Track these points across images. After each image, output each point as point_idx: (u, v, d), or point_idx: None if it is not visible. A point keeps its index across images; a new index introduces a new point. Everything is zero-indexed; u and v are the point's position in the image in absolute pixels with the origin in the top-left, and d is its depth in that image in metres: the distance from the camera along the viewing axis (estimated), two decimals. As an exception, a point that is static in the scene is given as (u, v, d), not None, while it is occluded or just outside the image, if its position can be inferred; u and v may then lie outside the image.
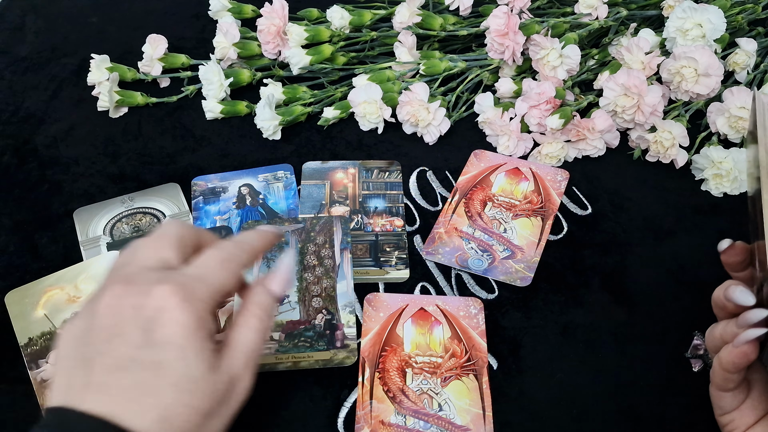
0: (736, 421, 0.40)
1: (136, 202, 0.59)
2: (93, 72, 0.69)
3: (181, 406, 0.33)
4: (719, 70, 0.60)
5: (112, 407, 0.33)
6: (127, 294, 0.35)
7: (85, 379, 0.34)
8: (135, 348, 0.34)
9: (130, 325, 0.34)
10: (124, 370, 0.33)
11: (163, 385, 0.33)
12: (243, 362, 0.36)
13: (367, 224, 0.58)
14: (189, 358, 0.34)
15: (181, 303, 0.34)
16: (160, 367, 0.34)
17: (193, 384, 0.34)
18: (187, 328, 0.34)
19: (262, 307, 0.38)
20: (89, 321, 0.35)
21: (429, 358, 0.48)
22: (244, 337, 0.37)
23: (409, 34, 0.68)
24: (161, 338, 0.34)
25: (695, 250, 0.56)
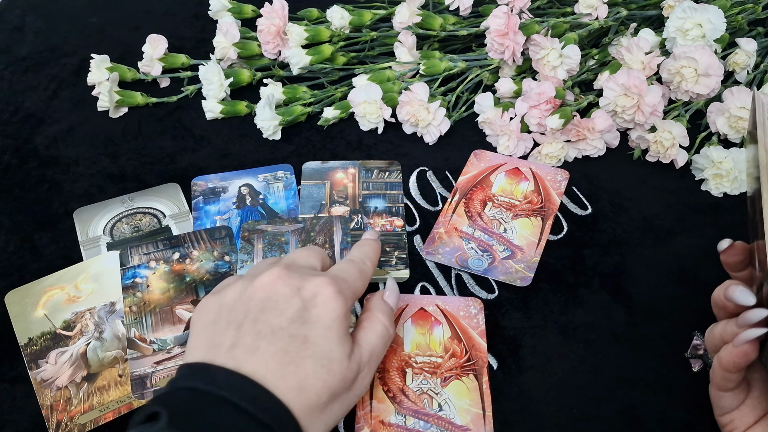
0: (735, 421, 0.40)
1: (136, 202, 0.59)
2: (93, 72, 0.69)
3: (317, 379, 0.37)
4: (719, 70, 0.60)
5: (257, 368, 0.36)
6: (287, 276, 0.40)
7: (233, 340, 0.38)
8: (287, 320, 0.38)
9: (286, 301, 0.39)
10: (273, 337, 0.38)
11: (305, 357, 0.37)
12: (367, 359, 0.40)
13: (367, 224, 0.58)
14: (332, 340, 0.38)
15: (334, 293, 0.40)
16: (306, 341, 0.38)
17: (330, 362, 0.38)
18: (337, 314, 0.39)
19: (386, 315, 0.43)
20: (242, 293, 0.40)
21: (429, 358, 0.48)
22: (370, 338, 0.41)
23: (409, 34, 0.68)
24: (312, 317, 0.39)
25: (695, 250, 0.56)
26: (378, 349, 0.42)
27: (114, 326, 0.50)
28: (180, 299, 0.52)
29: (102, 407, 0.46)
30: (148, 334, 0.50)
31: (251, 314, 0.39)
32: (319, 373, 0.37)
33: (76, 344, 0.49)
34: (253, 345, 0.37)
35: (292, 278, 0.40)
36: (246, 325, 0.38)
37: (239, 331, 0.38)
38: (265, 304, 0.39)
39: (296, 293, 0.40)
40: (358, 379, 0.40)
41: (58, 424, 0.45)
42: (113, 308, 0.51)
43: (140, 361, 0.48)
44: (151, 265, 0.53)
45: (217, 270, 0.53)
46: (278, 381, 0.36)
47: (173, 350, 0.49)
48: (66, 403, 0.46)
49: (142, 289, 0.52)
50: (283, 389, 0.36)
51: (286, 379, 0.37)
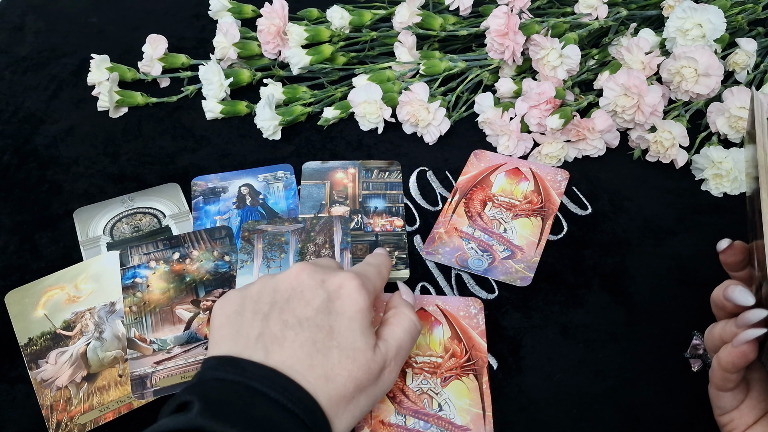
0: (735, 421, 0.40)
1: (136, 202, 0.59)
2: (93, 72, 0.69)
3: (342, 369, 0.38)
4: (719, 70, 0.60)
5: (285, 358, 0.37)
6: (314, 271, 0.41)
7: (260, 329, 0.38)
8: (313, 310, 0.39)
9: (313, 292, 0.40)
10: (300, 327, 0.38)
11: (331, 347, 0.38)
12: (393, 354, 0.41)
13: (367, 224, 0.58)
14: (356, 330, 0.39)
15: (358, 286, 0.40)
16: (332, 331, 0.39)
17: (355, 352, 0.39)
18: (361, 306, 0.40)
19: (411, 309, 0.44)
20: (268, 285, 0.41)
21: (429, 358, 0.48)
22: (397, 333, 0.42)
23: (409, 34, 0.68)
24: (338, 308, 0.40)
25: (695, 250, 0.56)
26: (405, 344, 0.42)
27: (114, 326, 0.50)
28: (180, 299, 0.52)
29: (102, 407, 0.46)
30: (148, 334, 0.50)
31: (277, 304, 0.40)
32: (344, 364, 0.38)
33: (76, 344, 0.49)
34: (280, 335, 0.38)
35: (316, 272, 0.41)
36: (273, 315, 0.39)
37: (266, 321, 0.39)
38: (291, 294, 0.40)
39: (321, 285, 0.40)
40: (385, 373, 0.40)
41: (58, 424, 0.45)
42: (113, 308, 0.51)
43: (140, 361, 0.48)
44: (151, 265, 0.53)
45: (217, 270, 0.53)
46: (306, 371, 0.37)
47: (173, 350, 0.49)
48: (66, 403, 0.47)
49: (142, 289, 0.52)
50: (311, 379, 0.37)
51: (314, 369, 0.37)
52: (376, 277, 0.44)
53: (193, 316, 0.51)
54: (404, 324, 0.43)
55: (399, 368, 0.42)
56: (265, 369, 0.37)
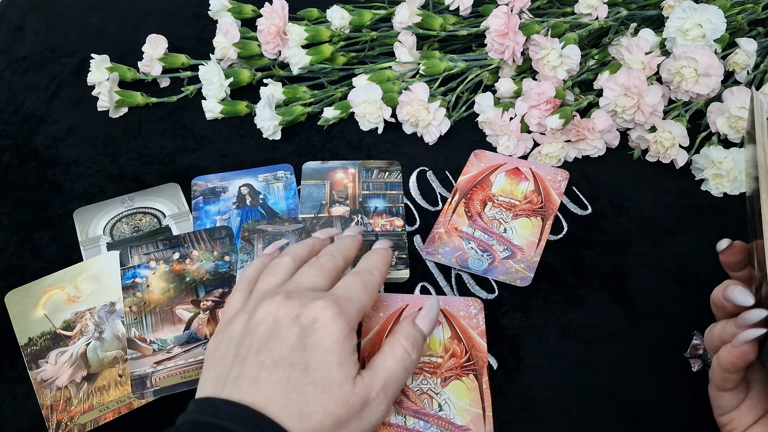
0: (735, 421, 0.40)
1: (136, 202, 0.59)
2: (93, 72, 0.69)
3: (318, 406, 0.37)
4: (719, 70, 0.59)
5: (259, 398, 0.36)
6: (287, 305, 0.40)
7: (237, 372, 0.38)
8: (287, 349, 0.38)
9: (287, 330, 0.39)
10: (275, 367, 0.38)
11: (306, 384, 0.37)
12: (380, 385, 0.39)
13: (367, 224, 0.58)
14: (332, 363, 0.38)
15: (334, 316, 0.39)
16: (307, 367, 0.38)
17: (331, 387, 0.37)
18: (337, 337, 0.39)
19: (410, 340, 0.41)
20: (247, 326, 0.40)
21: (429, 358, 0.48)
22: (387, 363, 0.40)
23: (409, 34, 0.68)
24: (312, 343, 0.38)
25: (695, 250, 0.56)
26: (396, 375, 0.40)
27: (114, 326, 0.50)
28: (180, 299, 0.52)
29: (102, 407, 0.46)
30: (148, 334, 0.50)
31: (254, 346, 0.39)
32: (320, 400, 0.37)
33: (76, 344, 0.49)
34: (255, 376, 0.38)
35: (292, 306, 0.40)
36: (249, 357, 0.38)
37: (243, 365, 0.38)
38: (267, 335, 0.39)
39: (296, 320, 0.39)
40: (371, 407, 0.38)
41: (58, 424, 0.45)
42: (113, 308, 0.51)
43: (140, 361, 0.48)
44: (151, 265, 0.53)
45: (217, 270, 0.53)
46: (280, 409, 0.36)
47: (173, 350, 0.49)
48: (66, 403, 0.47)
49: (142, 289, 0.52)
50: (284, 418, 0.36)
51: (288, 407, 0.36)
52: (359, 293, 0.42)
53: (193, 316, 0.51)
54: (397, 354, 0.41)
55: (389, 401, 0.40)
56: (240, 407, 0.36)
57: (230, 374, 0.38)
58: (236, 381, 0.38)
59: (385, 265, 0.46)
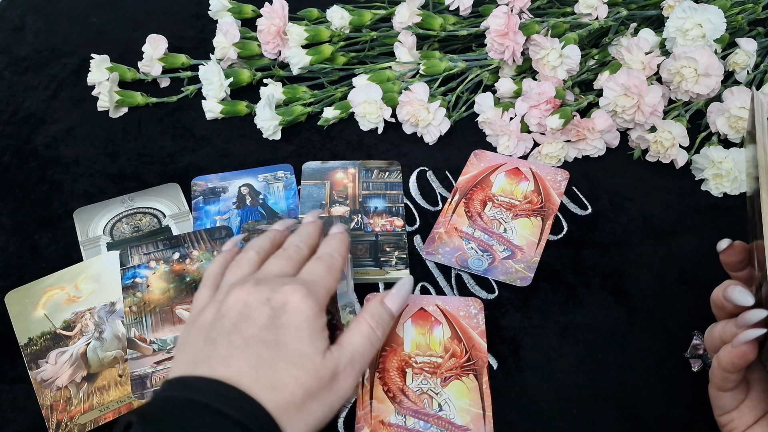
0: (735, 421, 0.40)
1: (136, 202, 0.59)
2: (93, 72, 0.69)
3: (289, 377, 0.38)
4: (719, 70, 0.60)
5: (231, 374, 0.37)
6: (257, 291, 0.41)
7: (209, 354, 0.39)
8: (259, 329, 0.39)
9: (258, 312, 0.40)
10: (246, 345, 0.39)
11: (277, 359, 0.38)
12: (348, 359, 0.40)
13: (367, 224, 0.58)
14: (303, 338, 0.39)
15: (303, 297, 0.40)
16: (278, 344, 0.39)
17: (302, 359, 0.39)
18: (307, 316, 0.40)
19: (375, 318, 0.43)
20: (217, 313, 0.41)
21: (429, 358, 0.48)
22: (353, 339, 0.41)
23: (409, 34, 0.68)
24: (284, 322, 0.40)
25: (695, 250, 0.56)
26: (362, 350, 0.41)
27: (114, 326, 0.50)
28: (180, 299, 0.52)
29: (102, 407, 0.46)
30: (148, 334, 0.50)
31: (225, 329, 0.40)
32: (291, 371, 0.38)
33: (76, 344, 0.49)
34: (227, 354, 0.38)
35: (261, 291, 0.41)
36: (220, 339, 0.39)
37: (214, 346, 0.39)
38: (238, 319, 0.40)
39: (266, 303, 0.40)
40: (339, 380, 0.40)
41: (58, 424, 0.45)
42: (113, 308, 0.51)
43: (140, 361, 0.48)
44: (151, 265, 0.53)
45: (217, 270, 0.53)
46: (252, 383, 0.37)
47: (173, 350, 0.49)
48: (66, 403, 0.47)
49: (142, 289, 0.52)
50: (257, 390, 0.37)
51: (259, 380, 0.37)
52: (324, 275, 0.44)
53: (193, 316, 0.51)
54: (362, 330, 0.42)
55: (357, 375, 0.41)
56: (212, 381, 0.37)
57: (201, 356, 0.39)
58: (207, 360, 0.38)
59: (344, 247, 0.47)
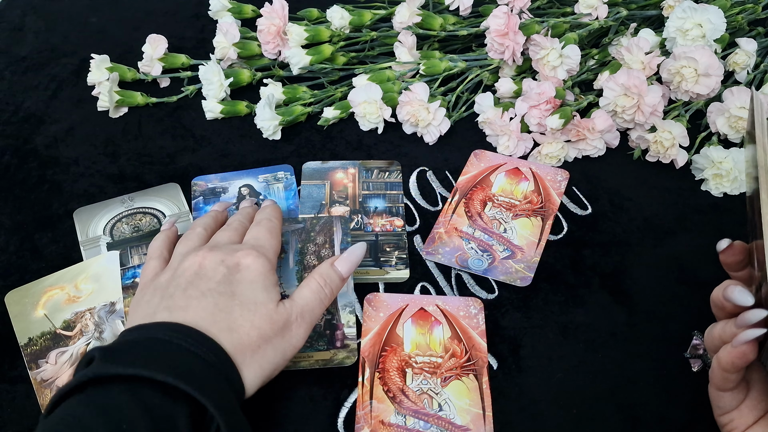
0: (735, 421, 0.40)
1: (136, 202, 0.59)
2: (93, 72, 0.69)
3: (245, 320, 0.41)
4: (719, 70, 0.60)
5: (189, 319, 0.40)
6: (211, 255, 0.44)
7: (166, 305, 0.41)
8: (215, 283, 0.42)
9: (213, 271, 0.43)
10: (203, 296, 0.41)
11: (233, 306, 0.41)
12: (299, 311, 0.43)
13: (367, 224, 0.58)
14: (257, 289, 0.43)
15: (256, 258, 0.44)
16: (233, 294, 0.42)
17: (257, 305, 0.42)
18: (261, 270, 0.44)
19: (323, 276, 0.46)
20: (173, 274, 0.44)
21: (429, 358, 0.48)
22: (303, 293, 0.45)
23: (409, 34, 0.68)
24: (238, 278, 0.43)
25: (695, 250, 0.56)
26: (312, 305, 0.44)
27: (114, 326, 0.50)
28: (180, 299, 0.52)
29: (102, 407, 0.46)
30: (148, 334, 0.50)
31: (181, 285, 0.43)
32: (246, 316, 0.41)
33: (76, 344, 0.49)
34: (184, 305, 0.41)
35: (215, 255, 0.44)
36: (177, 293, 0.42)
37: (171, 299, 0.42)
38: (194, 277, 0.43)
39: (221, 263, 0.44)
40: (292, 329, 0.43)
41: (58, 424, 0.45)
42: (113, 308, 0.51)
43: (140, 361, 0.48)
44: (151, 265, 0.53)
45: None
46: (209, 325, 0.40)
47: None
48: (66, 403, 0.46)
49: (142, 289, 0.52)
50: (215, 331, 0.40)
51: (216, 323, 0.40)
52: (268, 238, 0.47)
53: (193, 316, 0.51)
54: (311, 286, 0.45)
55: (308, 326, 0.44)
56: (170, 324, 0.39)
57: (158, 308, 0.41)
58: (165, 310, 0.41)
59: (279, 213, 0.51)
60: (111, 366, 0.35)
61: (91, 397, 0.35)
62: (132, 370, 0.35)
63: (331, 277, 0.46)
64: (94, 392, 0.35)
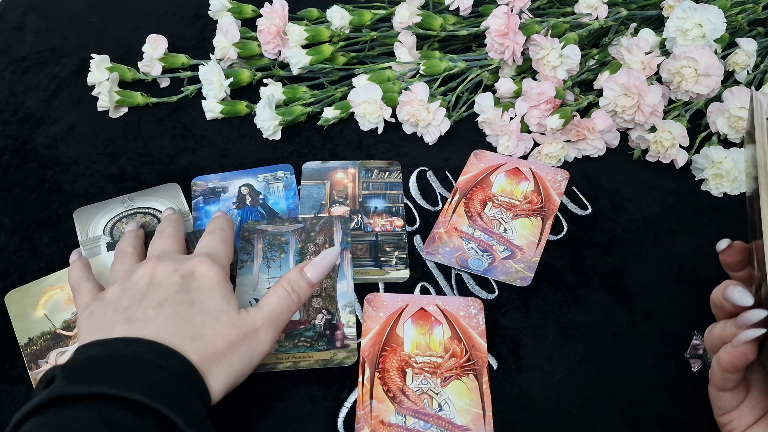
0: (735, 421, 0.40)
1: (136, 202, 0.59)
2: (93, 72, 0.69)
3: (208, 328, 0.40)
4: (719, 70, 0.60)
5: (149, 332, 0.39)
6: (161, 265, 0.43)
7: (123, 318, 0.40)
8: (172, 293, 0.41)
9: (168, 280, 0.42)
10: (161, 307, 0.40)
11: (194, 314, 0.40)
12: (265, 317, 0.43)
13: (367, 224, 0.58)
14: (216, 298, 0.42)
15: (210, 266, 0.43)
16: (193, 302, 0.41)
17: (219, 314, 0.41)
18: (217, 279, 0.43)
19: (291, 283, 0.45)
20: (120, 287, 0.43)
21: (429, 358, 0.48)
22: (270, 300, 0.44)
23: (409, 34, 0.68)
24: (195, 287, 0.42)
25: (695, 250, 0.56)
26: (279, 310, 0.43)
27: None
28: (180, 299, 0.52)
29: (102, 407, 0.46)
30: (148, 334, 0.49)
31: (136, 297, 0.41)
32: (209, 324, 0.40)
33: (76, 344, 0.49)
34: (143, 316, 0.40)
35: (166, 265, 0.43)
36: (132, 306, 0.41)
37: (128, 312, 0.40)
38: (147, 289, 0.42)
39: (174, 272, 0.43)
40: (259, 335, 0.42)
41: (58, 424, 0.45)
42: (113, 308, 0.51)
43: (140, 361, 0.48)
44: (151, 265, 0.53)
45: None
46: (172, 336, 0.39)
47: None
48: (66, 403, 0.46)
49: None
50: (178, 341, 0.39)
51: (179, 333, 0.39)
52: (221, 246, 0.47)
53: (193, 316, 0.51)
54: (279, 292, 0.44)
55: (276, 332, 0.43)
56: (130, 339, 0.38)
57: (113, 322, 0.40)
58: (123, 323, 0.40)
59: (229, 223, 0.50)
60: (74, 385, 0.34)
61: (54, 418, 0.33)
62: (97, 388, 0.34)
63: (299, 283, 0.45)
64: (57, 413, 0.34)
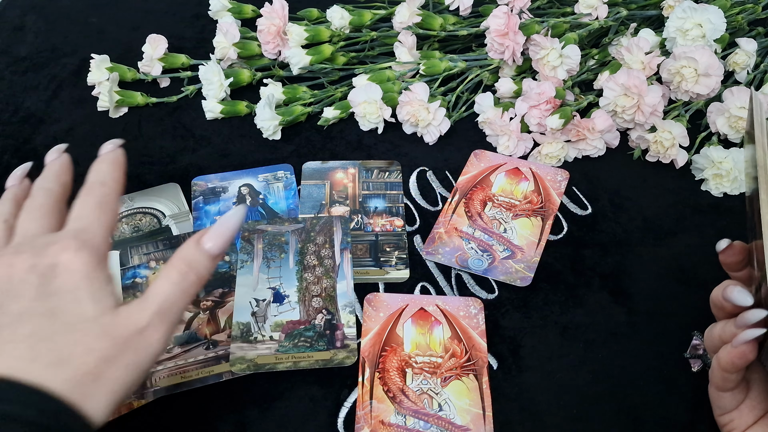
0: (735, 421, 0.40)
1: (136, 202, 0.59)
2: (93, 72, 0.69)
3: (75, 346, 0.32)
4: (719, 70, 0.60)
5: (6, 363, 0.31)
6: (18, 260, 0.34)
7: None
8: (28, 301, 0.33)
9: (24, 284, 0.34)
10: (18, 323, 0.33)
11: (56, 328, 0.33)
12: (152, 311, 0.34)
13: (367, 224, 0.58)
14: (82, 299, 0.34)
15: (76, 252, 0.34)
16: (54, 312, 0.33)
17: (87, 323, 0.33)
18: (84, 272, 0.34)
19: (186, 261, 0.36)
20: None
21: (429, 358, 0.48)
22: (160, 287, 0.35)
23: (409, 34, 0.68)
24: (55, 288, 0.34)
25: (695, 250, 0.56)
26: (173, 298, 0.35)
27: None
28: (180, 299, 0.51)
29: (102, 407, 0.46)
30: (148, 334, 0.49)
31: None
32: (76, 338, 0.32)
33: None
34: None
35: (23, 260, 0.34)
36: None
37: None
38: (2, 298, 0.34)
39: (31, 271, 0.34)
40: (145, 336, 0.34)
41: (58, 424, 0.45)
42: (113, 308, 0.51)
43: (140, 361, 0.48)
44: (151, 265, 0.53)
45: (217, 270, 0.53)
46: (30, 365, 0.31)
47: (173, 350, 0.49)
48: (66, 403, 0.46)
49: (141, 289, 0.52)
50: (37, 372, 0.31)
51: (39, 360, 0.32)
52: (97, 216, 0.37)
53: (193, 316, 0.51)
54: (171, 277, 0.36)
55: (170, 325, 0.35)
56: None
57: None
58: None
59: (117, 169, 0.41)
60: None
61: None
62: None
63: (196, 258, 0.36)
64: None
